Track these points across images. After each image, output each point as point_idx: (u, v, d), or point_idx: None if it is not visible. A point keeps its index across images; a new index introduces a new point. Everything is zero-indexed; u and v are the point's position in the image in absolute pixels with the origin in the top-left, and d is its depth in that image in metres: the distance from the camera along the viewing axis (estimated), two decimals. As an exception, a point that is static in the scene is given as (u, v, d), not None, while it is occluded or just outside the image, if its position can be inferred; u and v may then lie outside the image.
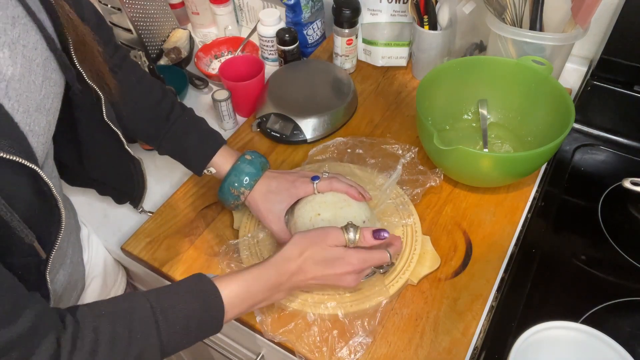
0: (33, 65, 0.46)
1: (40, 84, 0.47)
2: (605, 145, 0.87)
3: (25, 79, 0.44)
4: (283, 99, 0.92)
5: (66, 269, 0.64)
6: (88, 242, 0.75)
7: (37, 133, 0.46)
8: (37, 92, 0.46)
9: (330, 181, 0.69)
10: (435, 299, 0.68)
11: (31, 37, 0.46)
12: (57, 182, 0.59)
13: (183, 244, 0.76)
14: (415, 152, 0.82)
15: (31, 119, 0.45)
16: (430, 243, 0.73)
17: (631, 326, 0.65)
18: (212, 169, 0.72)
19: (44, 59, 0.48)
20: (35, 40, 0.46)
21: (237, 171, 0.70)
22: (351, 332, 0.64)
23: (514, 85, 0.83)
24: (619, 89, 0.86)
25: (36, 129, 0.46)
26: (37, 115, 0.46)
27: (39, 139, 0.46)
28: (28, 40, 0.45)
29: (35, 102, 0.46)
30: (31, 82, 0.45)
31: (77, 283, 0.69)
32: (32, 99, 0.45)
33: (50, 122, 0.49)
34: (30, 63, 0.45)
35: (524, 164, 0.73)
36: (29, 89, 0.45)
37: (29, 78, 0.45)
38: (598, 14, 0.89)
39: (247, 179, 0.69)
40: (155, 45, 1.10)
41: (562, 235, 0.76)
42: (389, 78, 1.03)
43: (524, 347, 0.56)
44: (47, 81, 0.48)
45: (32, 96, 0.45)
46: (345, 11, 0.95)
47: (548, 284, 0.69)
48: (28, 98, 0.44)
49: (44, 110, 0.47)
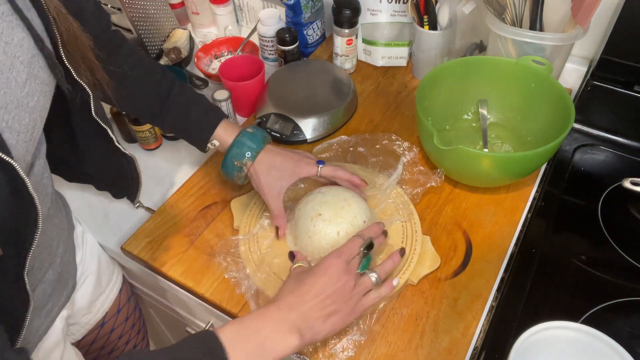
0: (16, 63, 0.45)
1: (23, 81, 0.46)
2: (605, 145, 0.87)
3: (3, 75, 0.44)
4: (283, 99, 0.92)
5: (56, 268, 0.63)
6: (82, 240, 0.74)
7: (17, 130, 0.45)
8: (18, 89, 0.46)
9: (335, 168, 0.71)
10: (435, 299, 0.68)
11: (16, 34, 0.46)
12: (48, 181, 0.59)
13: (183, 244, 0.76)
14: (416, 152, 0.82)
15: (9, 116, 0.44)
16: (430, 243, 0.73)
17: (631, 326, 0.65)
18: (216, 142, 0.73)
19: (29, 57, 0.47)
20: (20, 38, 0.46)
21: (240, 143, 0.71)
22: (346, 330, 0.64)
23: (514, 85, 0.83)
24: (619, 89, 0.86)
25: (15, 126, 0.45)
26: (18, 112, 0.45)
27: (20, 136, 0.46)
28: (12, 37, 0.45)
29: (16, 99, 0.45)
30: (11, 79, 0.45)
31: (68, 282, 0.69)
32: (11, 95, 0.45)
33: (36, 120, 0.49)
34: (12, 60, 0.45)
35: (524, 164, 0.73)
36: (8, 85, 0.44)
37: (9, 74, 0.44)
38: (598, 14, 0.89)
39: (249, 152, 0.70)
40: (155, 45, 1.10)
41: (562, 235, 0.76)
42: (389, 78, 1.03)
43: (524, 347, 0.56)
44: (33, 79, 0.48)
45: (12, 92, 0.45)
46: (345, 11, 0.95)
47: (548, 284, 0.69)
48: (6, 94, 0.44)
49: (27, 108, 0.47)
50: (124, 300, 0.83)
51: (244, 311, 0.68)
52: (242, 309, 0.68)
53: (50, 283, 0.62)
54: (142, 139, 0.92)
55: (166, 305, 0.93)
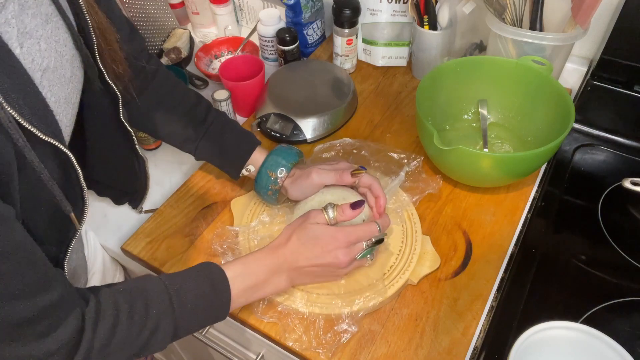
0: (63, 61, 0.49)
1: (68, 79, 0.50)
2: (605, 145, 0.87)
3: (57, 72, 0.48)
4: (283, 99, 0.92)
5: (72, 263, 0.65)
6: (86, 238, 0.76)
7: (65, 124, 0.49)
8: (66, 86, 0.49)
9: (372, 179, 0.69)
10: (435, 299, 0.68)
11: (61, 34, 0.49)
12: None
13: (183, 244, 0.76)
14: (420, 161, 0.81)
15: (61, 110, 0.48)
16: (430, 243, 0.73)
17: (631, 326, 0.65)
18: (251, 167, 0.74)
19: (71, 56, 0.51)
20: (65, 38, 0.50)
21: (275, 155, 0.72)
22: (338, 322, 0.65)
23: (514, 85, 0.83)
24: (618, 89, 0.86)
25: (64, 120, 0.49)
26: (66, 107, 0.49)
27: (66, 129, 0.50)
28: (59, 36, 0.49)
29: (65, 95, 0.49)
30: (62, 76, 0.49)
31: (81, 278, 0.70)
32: (62, 91, 0.48)
33: (74, 116, 0.53)
34: (61, 58, 0.49)
35: (524, 164, 0.73)
36: (60, 81, 0.48)
37: (60, 72, 0.48)
38: (598, 14, 0.89)
39: (284, 162, 0.71)
40: (155, 45, 1.10)
41: (562, 235, 0.76)
42: (389, 78, 1.03)
43: (524, 347, 0.56)
44: (74, 77, 0.52)
45: (62, 89, 0.49)
46: (345, 11, 0.95)
47: (548, 284, 0.69)
48: (60, 90, 0.48)
49: (70, 104, 0.51)
50: None
51: (243, 309, 0.68)
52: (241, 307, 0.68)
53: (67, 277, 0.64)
54: (142, 139, 0.92)
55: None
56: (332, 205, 0.63)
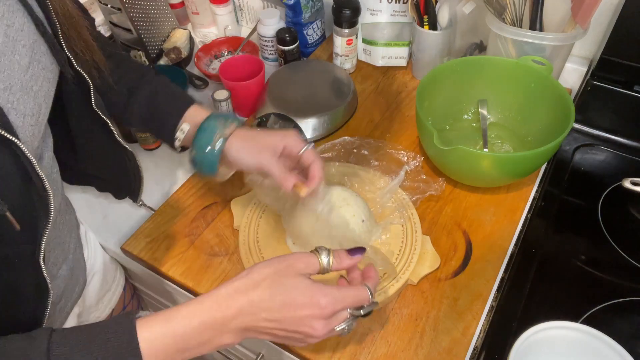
0: (18, 46, 0.46)
1: (26, 65, 0.47)
2: (605, 145, 0.87)
3: (6, 57, 0.44)
4: (283, 99, 0.92)
5: (69, 264, 0.64)
6: (86, 239, 0.76)
7: (22, 112, 0.46)
8: (21, 72, 0.46)
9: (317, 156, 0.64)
10: (435, 299, 0.68)
11: (17, 18, 0.46)
12: (57, 176, 0.59)
13: (183, 244, 0.76)
14: (420, 161, 0.81)
15: (14, 97, 0.45)
16: (430, 243, 0.73)
17: (631, 326, 0.65)
18: (186, 125, 0.67)
19: (31, 42, 0.48)
20: (22, 23, 0.47)
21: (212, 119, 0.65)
22: None
23: (514, 85, 0.83)
24: (618, 89, 0.86)
25: (21, 108, 0.45)
26: (22, 95, 0.46)
27: (26, 119, 0.46)
28: (13, 20, 0.45)
29: (20, 82, 0.46)
30: (14, 62, 0.45)
31: (79, 278, 0.70)
32: (15, 78, 0.45)
33: (40, 105, 0.49)
34: (14, 43, 0.45)
35: (524, 164, 0.73)
36: (11, 67, 0.45)
37: (11, 57, 0.45)
38: (598, 14, 0.89)
39: (231, 117, 0.66)
40: (155, 45, 1.10)
41: (562, 235, 0.76)
42: (389, 78, 1.03)
43: (524, 347, 0.56)
44: (35, 63, 0.48)
45: (15, 75, 0.45)
46: (345, 11, 0.95)
47: (548, 284, 0.69)
48: (10, 76, 0.44)
49: (31, 92, 0.47)
50: (129, 298, 0.85)
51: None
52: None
53: (63, 279, 0.63)
54: (142, 139, 0.92)
55: (167, 306, 0.93)
56: (328, 251, 0.52)
